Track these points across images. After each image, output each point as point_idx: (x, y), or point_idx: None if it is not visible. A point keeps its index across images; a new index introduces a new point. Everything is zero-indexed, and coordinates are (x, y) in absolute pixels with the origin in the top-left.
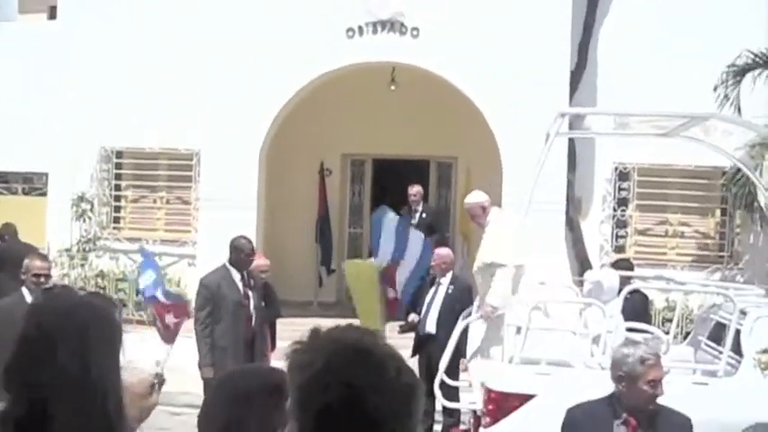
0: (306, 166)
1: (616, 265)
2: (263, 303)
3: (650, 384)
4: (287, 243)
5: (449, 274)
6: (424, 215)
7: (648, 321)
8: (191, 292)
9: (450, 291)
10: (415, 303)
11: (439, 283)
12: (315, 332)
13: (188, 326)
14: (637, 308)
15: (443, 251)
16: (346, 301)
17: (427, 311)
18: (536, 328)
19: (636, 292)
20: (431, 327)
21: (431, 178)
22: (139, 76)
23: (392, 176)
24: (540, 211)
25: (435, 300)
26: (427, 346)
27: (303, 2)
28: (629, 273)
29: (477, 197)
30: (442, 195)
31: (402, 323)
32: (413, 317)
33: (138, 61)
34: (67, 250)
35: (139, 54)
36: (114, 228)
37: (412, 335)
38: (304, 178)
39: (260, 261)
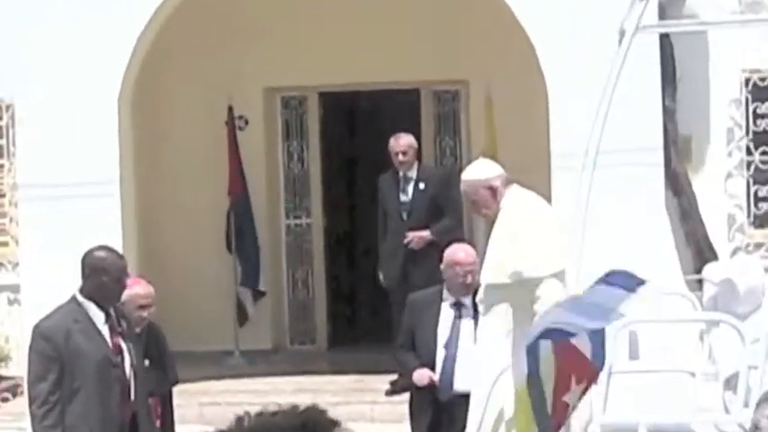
0: (202, 114)
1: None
2: (146, 361)
3: None
4: (180, 253)
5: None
6: (421, 185)
7: None
8: (16, 351)
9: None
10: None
11: (461, 306)
12: (240, 421)
13: (13, 408)
14: None
15: (462, 252)
16: (292, 347)
17: (450, 357)
18: (625, 371)
19: None
20: (461, 383)
21: (424, 121)
22: None
23: (358, 122)
24: (616, 165)
25: (462, 335)
26: (455, 416)
27: None
28: None
29: (480, 171)
30: (445, 149)
31: (393, 379)
32: (420, 373)
33: None
34: None
35: None
36: None
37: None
38: (200, 137)
39: (137, 289)
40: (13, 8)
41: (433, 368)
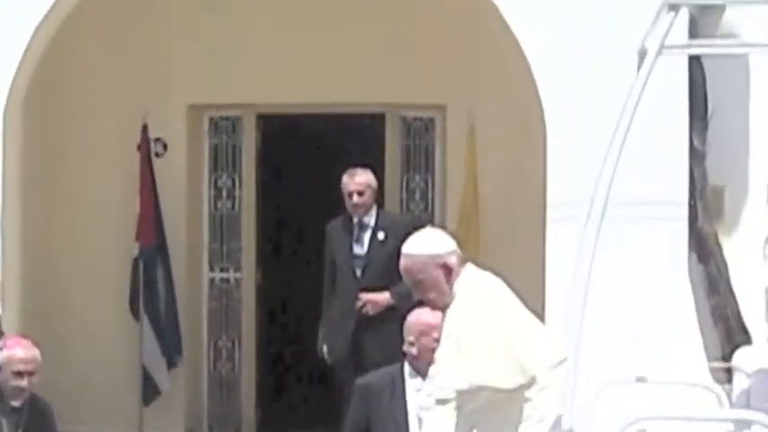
0: (109, 134)
1: None
2: None
3: None
4: (75, 309)
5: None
6: (380, 235)
7: None
8: None
9: None
10: None
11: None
12: None
13: None
14: None
15: (430, 316)
16: None
17: None
18: None
19: None
20: None
21: (388, 154)
22: None
23: (305, 152)
24: (628, 221)
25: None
26: None
27: None
28: None
29: (431, 244)
30: (414, 190)
31: None
32: None
33: None
34: None
35: None
36: None
37: None
38: (106, 163)
39: (17, 351)
40: None
41: None
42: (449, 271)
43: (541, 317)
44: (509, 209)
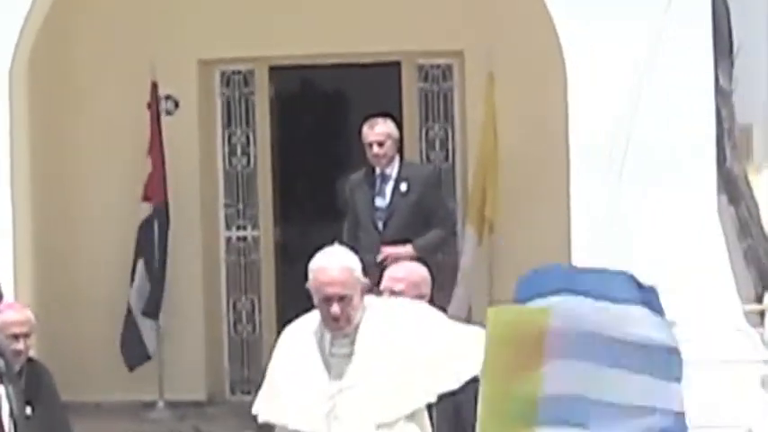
0: (118, 92)
1: None
2: (28, 408)
3: None
4: (83, 274)
5: None
6: (402, 186)
7: None
8: None
9: None
10: None
11: None
12: None
13: None
14: None
15: (405, 269)
16: (232, 397)
17: None
18: None
19: None
20: None
21: (406, 104)
22: None
23: (320, 105)
24: (655, 164)
25: None
26: None
27: None
28: None
29: (349, 259)
30: (433, 140)
31: None
32: None
33: None
34: None
35: None
36: None
37: None
38: (115, 121)
39: (12, 314)
40: None
41: None
42: (361, 291)
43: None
44: (530, 156)
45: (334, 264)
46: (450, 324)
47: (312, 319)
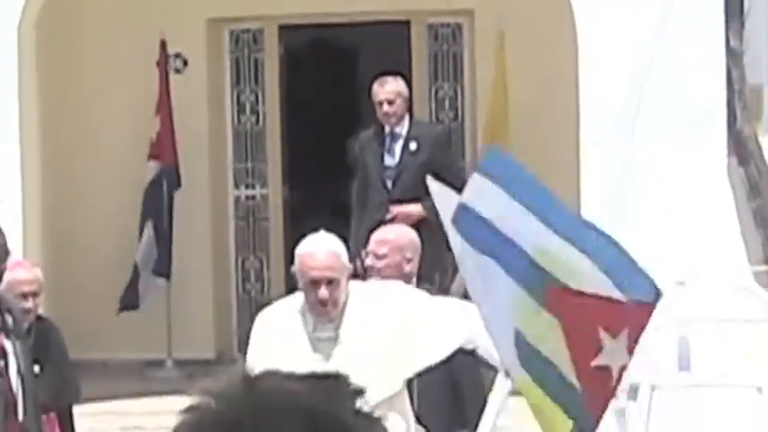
0: (126, 50)
1: None
2: (36, 366)
3: None
4: (93, 231)
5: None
6: (411, 145)
7: None
8: None
9: None
10: None
11: None
12: (234, 380)
13: None
14: None
15: (395, 232)
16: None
17: None
18: (672, 385)
19: None
20: None
21: (415, 63)
22: None
23: (330, 63)
24: (666, 125)
25: None
26: None
27: None
28: None
29: (335, 244)
30: (443, 99)
31: None
32: None
33: None
34: None
35: None
36: None
37: None
38: (123, 80)
39: (22, 273)
40: None
41: None
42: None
43: None
44: (540, 116)
45: (321, 248)
46: (430, 302)
47: (290, 304)
